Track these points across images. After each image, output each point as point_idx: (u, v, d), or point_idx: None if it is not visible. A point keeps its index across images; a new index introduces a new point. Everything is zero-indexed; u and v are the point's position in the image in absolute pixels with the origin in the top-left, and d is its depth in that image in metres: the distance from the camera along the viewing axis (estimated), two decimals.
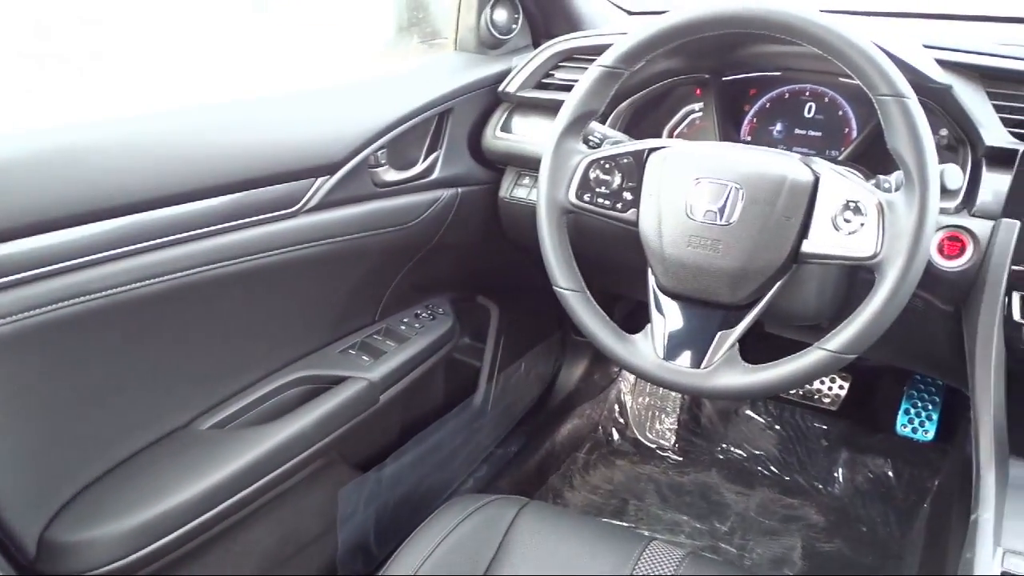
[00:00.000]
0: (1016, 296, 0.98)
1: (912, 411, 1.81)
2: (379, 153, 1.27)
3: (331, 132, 1.21)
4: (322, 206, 1.20)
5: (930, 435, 1.78)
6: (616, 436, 2.11)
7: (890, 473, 1.86)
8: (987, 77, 1.10)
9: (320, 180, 1.19)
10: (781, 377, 0.94)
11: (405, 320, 1.47)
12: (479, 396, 1.75)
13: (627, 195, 1.04)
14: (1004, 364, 1.00)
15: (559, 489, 1.94)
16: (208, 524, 1.07)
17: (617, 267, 1.20)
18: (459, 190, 1.42)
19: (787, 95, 1.34)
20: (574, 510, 1.86)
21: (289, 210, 1.16)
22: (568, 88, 1.08)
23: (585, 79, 1.05)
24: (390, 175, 1.30)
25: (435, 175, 1.37)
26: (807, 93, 1.33)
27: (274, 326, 1.24)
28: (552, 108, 1.14)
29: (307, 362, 1.29)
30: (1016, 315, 0.97)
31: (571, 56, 1.40)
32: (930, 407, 1.80)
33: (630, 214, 1.04)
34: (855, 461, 1.90)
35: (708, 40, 1.03)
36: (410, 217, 1.35)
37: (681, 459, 2.03)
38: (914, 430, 1.79)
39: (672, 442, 2.07)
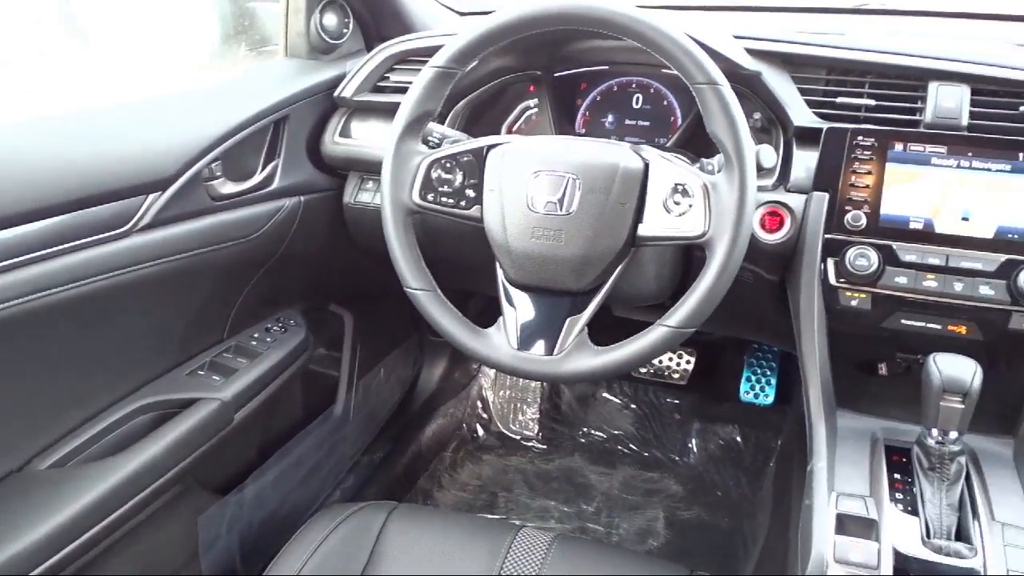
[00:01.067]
0: (831, 262, 1.07)
1: (753, 378, 1.93)
2: (213, 165, 1.22)
3: (160, 146, 1.16)
4: (156, 224, 1.15)
5: (770, 399, 1.91)
6: (481, 432, 2.14)
7: (738, 438, 1.98)
8: (790, 63, 1.20)
9: (152, 197, 1.14)
10: (629, 356, 0.98)
11: (255, 335, 1.43)
12: (339, 406, 1.73)
13: (470, 192, 1.06)
14: (826, 325, 1.09)
15: (428, 490, 1.94)
16: (54, 569, 1.00)
17: (466, 264, 1.22)
18: (302, 198, 1.39)
19: (616, 88, 1.40)
20: (444, 509, 1.87)
21: (120, 230, 1.10)
22: (404, 90, 1.09)
23: (419, 81, 1.06)
24: (227, 187, 1.26)
25: (275, 185, 1.34)
26: (634, 85, 1.39)
27: (113, 353, 1.18)
28: (389, 111, 1.14)
29: (154, 387, 1.24)
30: (832, 279, 1.06)
31: (405, 58, 1.40)
32: (768, 373, 1.93)
33: (474, 211, 1.06)
34: (706, 430, 2.01)
35: (536, 38, 1.06)
36: (252, 229, 1.31)
37: (545, 447, 2.08)
38: (756, 396, 1.92)
39: (536, 432, 2.12)
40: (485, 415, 2.17)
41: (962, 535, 0.91)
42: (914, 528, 0.90)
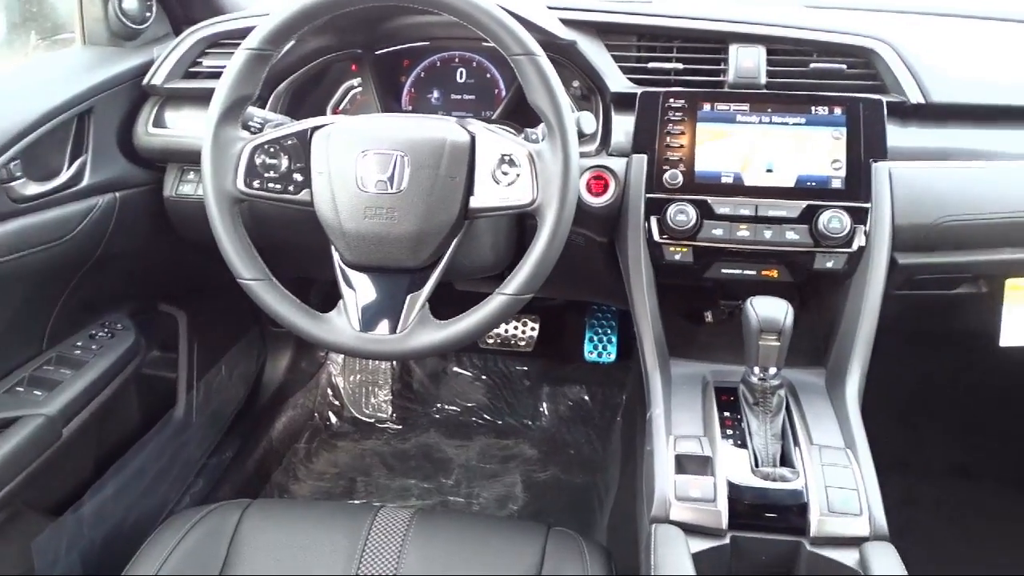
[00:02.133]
0: (653, 220, 1.12)
1: (595, 338, 2.01)
2: (12, 165, 1.13)
3: None
4: None
5: (612, 356, 1.99)
6: (334, 419, 2.11)
7: (586, 397, 2.06)
8: (604, 31, 1.24)
9: None
10: (471, 326, 1.00)
11: (79, 344, 1.34)
12: (180, 408, 1.66)
13: (297, 176, 1.04)
14: (654, 280, 1.15)
15: (284, 484, 1.90)
16: None
17: (301, 250, 1.19)
18: (117, 195, 1.31)
19: (439, 63, 1.41)
20: (301, 500, 1.84)
21: None
22: (218, 75, 1.04)
23: (233, 64, 1.02)
24: (30, 188, 1.17)
25: (85, 182, 1.26)
26: (456, 60, 1.40)
27: None
28: (204, 97, 1.09)
29: None
30: (656, 236, 1.12)
31: (216, 42, 1.35)
32: (609, 332, 2.02)
33: (303, 195, 1.04)
34: (555, 393, 2.07)
35: (354, 15, 1.04)
36: (63, 232, 1.22)
37: (401, 427, 2.08)
38: (599, 355, 2.00)
39: (390, 413, 2.11)
40: (337, 402, 2.14)
41: (786, 460, 0.99)
42: (744, 460, 0.98)
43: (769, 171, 1.12)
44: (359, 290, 1.04)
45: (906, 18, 1.32)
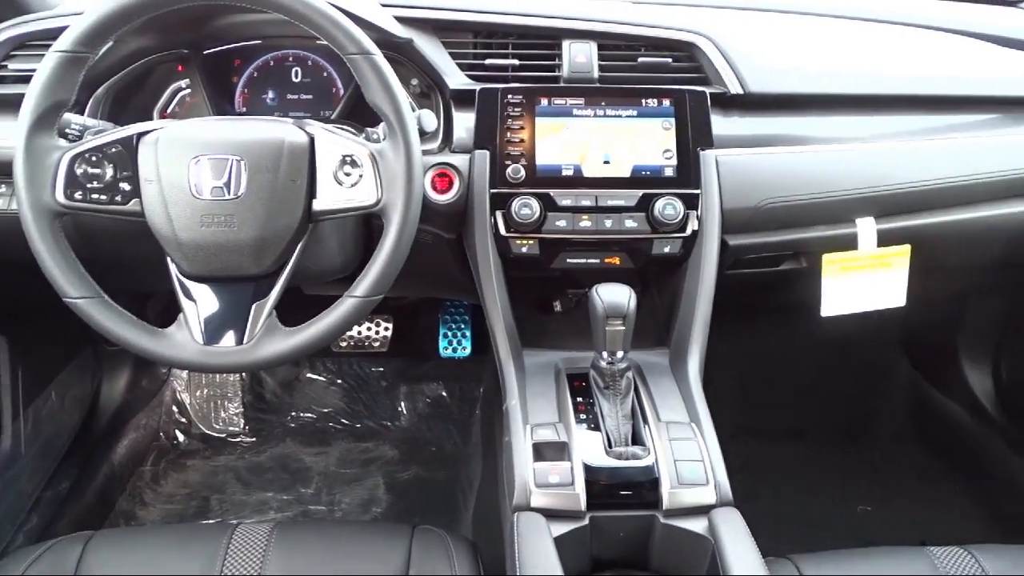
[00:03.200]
0: (499, 214, 1.14)
1: (449, 334, 2.02)
2: None
3: None
4: None
5: (468, 351, 2.01)
6: (182, 437, 2.02)
7: (444, 393, 2.07)
8: (440, 28, 1.25)
9: None
10: (321, 332, 0.98)
11: None
12: (6, 440, 1.53)
13: (124, 186, 0.98)
14: (502, 273, 1.17)
15: (130, 511, 1.80)
16: None
17: (134, 263, 1.13)
18: None
19: (272, 63, 1.36)
20: (151, 526, 1.74)
21: None
22: (27, 79, 0.97)
23: (44, 68, 0.95)
24: None
25: None
26: (291, 59, 1.36)
27: None
28: (13, 104, 1.01)
29: None
30: (502, 230, 1.14)
31: (24, 43, 1.25)
32: (463, 327, 2.03)
33: (132, 205, 0.98)
34: (413, 392, 2.07)
35: (177, 14, 1.00)
36: None
37: (255, 439, 2.01)
38: (454, 350, 2.01)
39: (242, 426, 2.04)
40: (183, 419, 2.04)
41: (637, 439, 1.03)
42: (598, 442, 1.02)
43: (606, 162, 1.16)
44: (200, 302, 1.00)
45: (726, 12, 1.40)
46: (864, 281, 1.26)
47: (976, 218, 1.31)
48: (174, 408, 2.04)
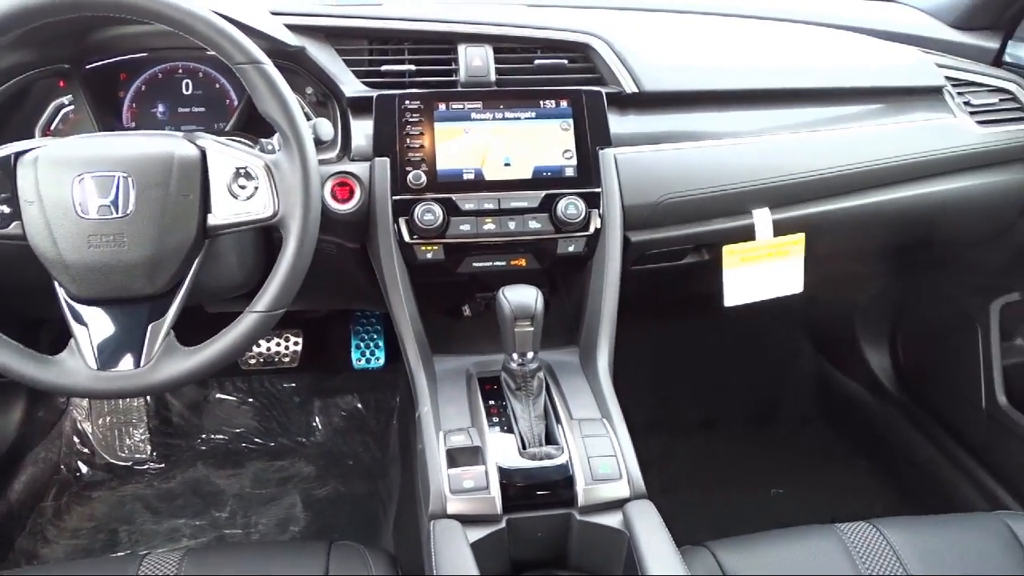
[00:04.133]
0: (402, 221, 1.13)
1: (362, 345, 1.99)
2: None
3: None
4: None
5: (381, 361, 1.98)
6: (85, 468, 1.93)
7: (359, 405, 2.03)
8: (333, 36, 1.23)
9: None
10: (223, 350, 0.95)
11: None
12: None
13: (3, 208, 0.93)
14: (409, 281, 1.16)
15: (31, 550, 1.71)
16: None
17: (20, 289, 1.07)
18: None
19: (160, 75, 1.32)
20: (54, 564, 1.66)
21: None
22: None
23: None
24: None
25: None
26: (180, 71, 1.32)
27: None
28: None
29: None
30: (406, 237, 1.13)
31: None
32: (376, 337, 2.00)
33: (13, 228, 0.93)
34: (328, 405, 2.03)
35: (55, 28, 0.96)
36: None
37: (163, 465, 1.94)
38: (368, 361, 1.98)
39: (149, 452, 1.96)
40: (86, 449, 1.95)
41: (551, 438, 1.04)
42: (512, 444, 1.02)
43: (507, 165, 1.17)
44: (93, 325, 0.96)
45: (619, 14, 1.43)
46: (763, 270, 1.31)
47: (865, 204, 1.37)
48: (75, 439, 1.95)
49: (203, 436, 1.99)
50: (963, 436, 1.75)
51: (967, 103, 1.44)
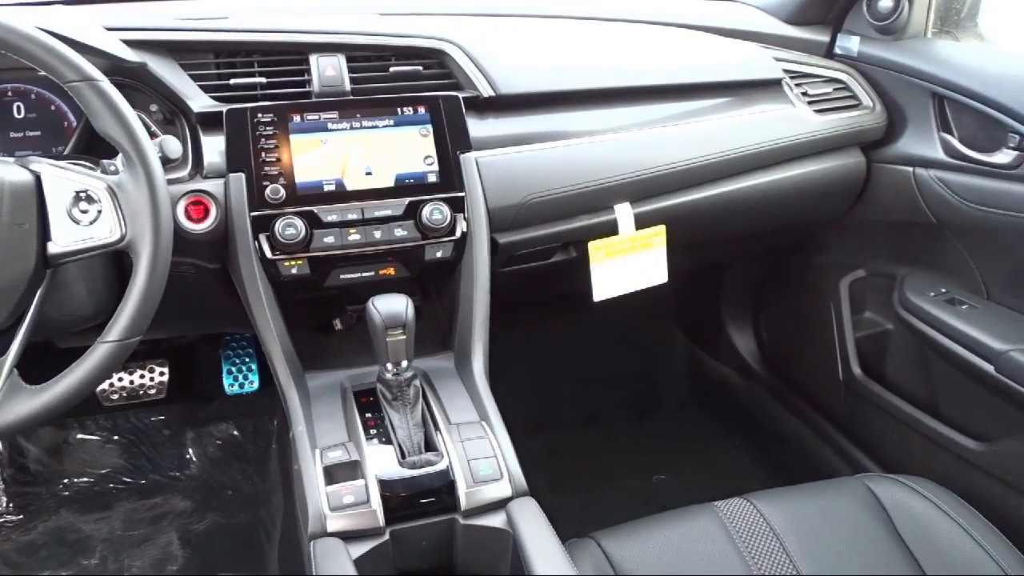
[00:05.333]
0: (263, 237, 1.09)
1: (234, 370, 1.92)
2: None
3: None
4: None
5: (256, 384, 1.92)
6: None
7: (236, 432, 1.96)
8: (176, 50, 1.18)
9: None
10: (72, 386, 0.89)
11: None
12: None
13: None
14: (274, 298, 1.12)
15: None
16: None
17: None
18: None
19: None
20: None
21: None
22: None
23: None
24: None
25: None
26: (9, 93, 1.23)
27: None
28: None
29: None
30: (268, 253, 1.09)
31: None
32: (247, 359, 1.94)
33: None
34: (201, 436, 1.94)
35: None
36: None
37: (21, 516, 1.80)
38: (241, 385, 1.91)
39: (4, 503, 1.82)
40: None
41: (430, 446, 1.03)
42: (391, 455, 1.00)
43: (369, 174, 1.15)
44: None
45: (471, 19, 1.43)
46: (628, 263, 1.34)
47: (720, 193, 1.43)
48: None
49: (65, 481, 1.86)
50: (825, 408, 1.85)
51: (805, 93, 1.53)
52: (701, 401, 2.26)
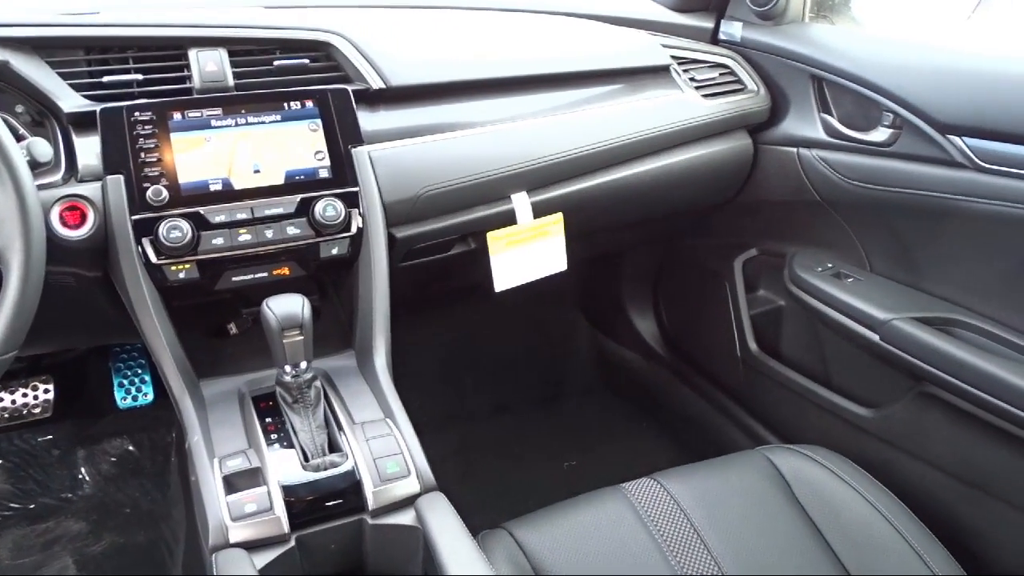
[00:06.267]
0: (146, 242, 1.04)
1: (126, 383, 1.84)
2: None
3: None
4: None
5: (150, 396, 1.84)
6: None
7: (131, 447, 1.87)
8: (40, 47, 1.11)
9: None
10: None
11: None
12: None
13: None
14: (162, 304, 1.08)
15: None
16: None
17: None
18: None
19: None
20: None
21: None
22: None
23: None
24: None
25: None
26: None
27: None
28: None
29: None
30: (152, 258, 1.04)
31: None
32: (140, 371, 1.86)
33: None
34: (94, 453, 1.85)
35: None
36: None
37: None
38: (134, 398, 1.83)
39: None
40: None
41: (335, 447, 1.01)
42: (294, 459, 0.97)
43: (257, 171, 1.11)
44: None
45: (359, 11, 1.41)
46: (527, 252, 1.35)
47: (615, 179, 1.45)
48: None
49: None
50: (725, 385, 1.90)
51: (692, 79, 1.56)
52: (607, 385, 2.29)
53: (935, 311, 1.34)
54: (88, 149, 1.08)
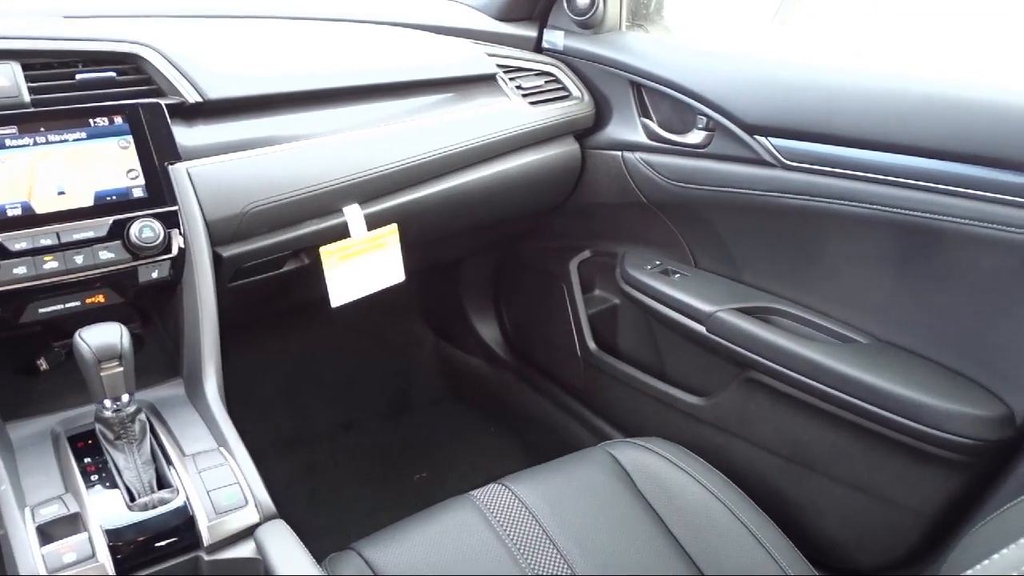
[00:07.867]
0: None
1: None
2: None
3: None
4: None
5: None
6: None
7: None
8: None
9: None
10: None
11: None
12: None
13: None
14: None
15: None
16: None
17: None
18: None
19: None
20: None
21: None
22: None
23: None
24: None
25: None
26: None
27: None
28: None
29: None
30: None
31: None
32: None
33: None
34: None
35: None
36: None
37: None
38: None
39: None
40: None
41: (164, 483, 0.95)
42: (118, 499, 0.91)
43: (62, 193, 1.03)
44: None
45: (171, 21, 1.34)
46: (363, 265, 1.32)
47: (449, 188, 1.45)
48: None
49: None
50: (567, 385, 1.95)
51: (519, 87, 1.59)
52: (454, 394, 2.29)
53: (756, 301, 1.43)
54: None
